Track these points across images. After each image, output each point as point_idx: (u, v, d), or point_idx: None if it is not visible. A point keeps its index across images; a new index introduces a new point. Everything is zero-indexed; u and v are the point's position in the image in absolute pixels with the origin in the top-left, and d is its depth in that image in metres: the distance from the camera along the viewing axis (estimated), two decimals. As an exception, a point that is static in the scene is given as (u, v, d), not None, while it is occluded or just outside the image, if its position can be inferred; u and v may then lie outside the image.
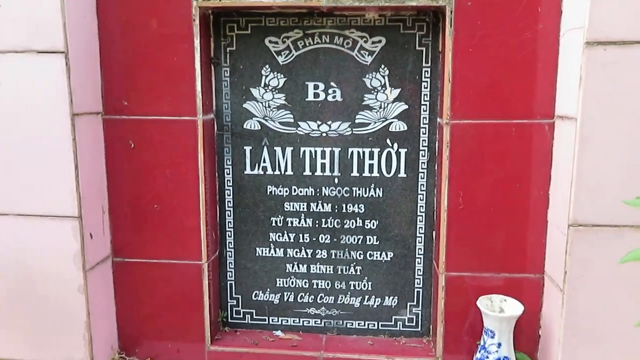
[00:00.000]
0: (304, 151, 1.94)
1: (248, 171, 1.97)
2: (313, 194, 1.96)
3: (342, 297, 2.03)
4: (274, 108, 1.92)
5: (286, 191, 1.97)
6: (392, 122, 1.89)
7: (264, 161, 1.96)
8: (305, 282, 2.03)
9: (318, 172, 1.94)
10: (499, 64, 1.67)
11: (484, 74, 1.68)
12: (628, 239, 1.50)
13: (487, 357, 1.67)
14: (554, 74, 1.65)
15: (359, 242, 1.98)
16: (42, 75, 1.62)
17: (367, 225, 1.97)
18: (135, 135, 1.83)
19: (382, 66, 1.86)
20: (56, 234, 1.71)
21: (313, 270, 2.02)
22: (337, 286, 2.02)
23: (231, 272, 2.05)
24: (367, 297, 2.02)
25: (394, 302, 2.01)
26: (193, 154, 1.82)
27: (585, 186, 1.50)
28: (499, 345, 1.65)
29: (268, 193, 1.98)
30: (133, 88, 1.80)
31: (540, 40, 1.64)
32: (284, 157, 1.95)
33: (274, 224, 2.00)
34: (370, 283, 2.01)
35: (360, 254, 1.99)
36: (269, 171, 1.96)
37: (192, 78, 1.77)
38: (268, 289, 2.05)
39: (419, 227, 1.94)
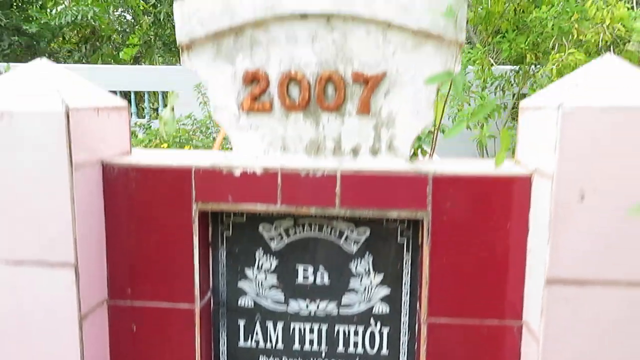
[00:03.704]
0: (294, 327, 2.09)
1: (242, 343, 2.11)
2: (302, 365, 2.11)
3: None
4: (267, 287, 2.07)
5: (277, 363, 2.12)
6: (375, 304, 2.05)
7: (257, 334, 2.10)
8: None
9: (306, 347, 2.09)
10: (471, 270, 1.83)
11: (458, 279, 1.84)
12: None
13: None
14: (523, 282, 1.82)
15: (345, 412, 2.12)
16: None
17: (352, 396, 2.11)
18: (137, 321, 1.97)
19: (367, 253, 2.02)
20: None
21: None
22: None
23: None
24: None
25: None
26: (190, 340, 1.96)
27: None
28: None
29: (260, 364, 2.12)
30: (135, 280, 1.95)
31: (511, 253, 1.80)
32: (275, 331, 2.10)
33: (266, 393, 2.14)
34: None
35: (345, 423, 2.13)
36: (261, 344, 2.11)
37: (190, 270, 1.92)
38: None
39: (400, 400, 2.09)
